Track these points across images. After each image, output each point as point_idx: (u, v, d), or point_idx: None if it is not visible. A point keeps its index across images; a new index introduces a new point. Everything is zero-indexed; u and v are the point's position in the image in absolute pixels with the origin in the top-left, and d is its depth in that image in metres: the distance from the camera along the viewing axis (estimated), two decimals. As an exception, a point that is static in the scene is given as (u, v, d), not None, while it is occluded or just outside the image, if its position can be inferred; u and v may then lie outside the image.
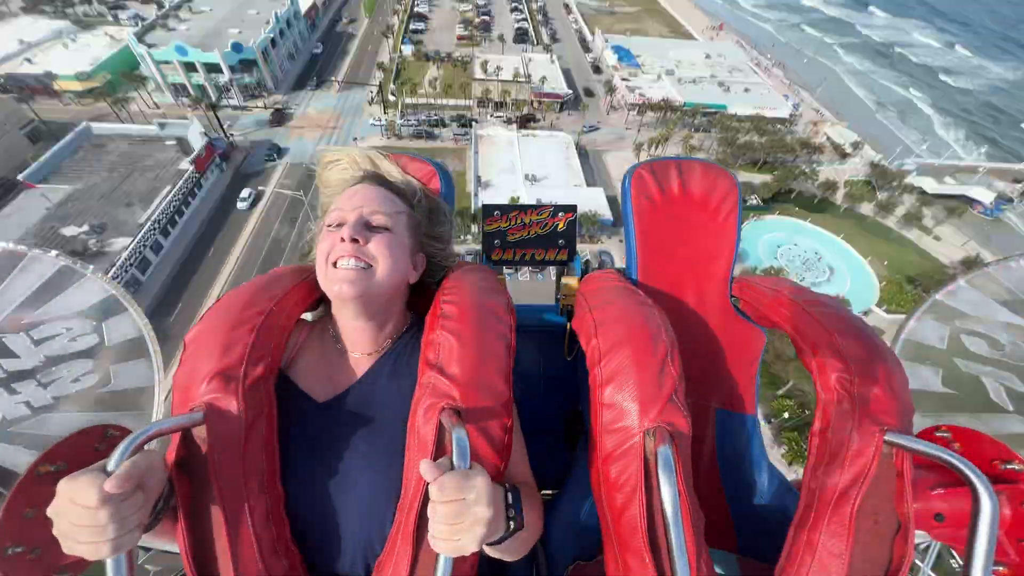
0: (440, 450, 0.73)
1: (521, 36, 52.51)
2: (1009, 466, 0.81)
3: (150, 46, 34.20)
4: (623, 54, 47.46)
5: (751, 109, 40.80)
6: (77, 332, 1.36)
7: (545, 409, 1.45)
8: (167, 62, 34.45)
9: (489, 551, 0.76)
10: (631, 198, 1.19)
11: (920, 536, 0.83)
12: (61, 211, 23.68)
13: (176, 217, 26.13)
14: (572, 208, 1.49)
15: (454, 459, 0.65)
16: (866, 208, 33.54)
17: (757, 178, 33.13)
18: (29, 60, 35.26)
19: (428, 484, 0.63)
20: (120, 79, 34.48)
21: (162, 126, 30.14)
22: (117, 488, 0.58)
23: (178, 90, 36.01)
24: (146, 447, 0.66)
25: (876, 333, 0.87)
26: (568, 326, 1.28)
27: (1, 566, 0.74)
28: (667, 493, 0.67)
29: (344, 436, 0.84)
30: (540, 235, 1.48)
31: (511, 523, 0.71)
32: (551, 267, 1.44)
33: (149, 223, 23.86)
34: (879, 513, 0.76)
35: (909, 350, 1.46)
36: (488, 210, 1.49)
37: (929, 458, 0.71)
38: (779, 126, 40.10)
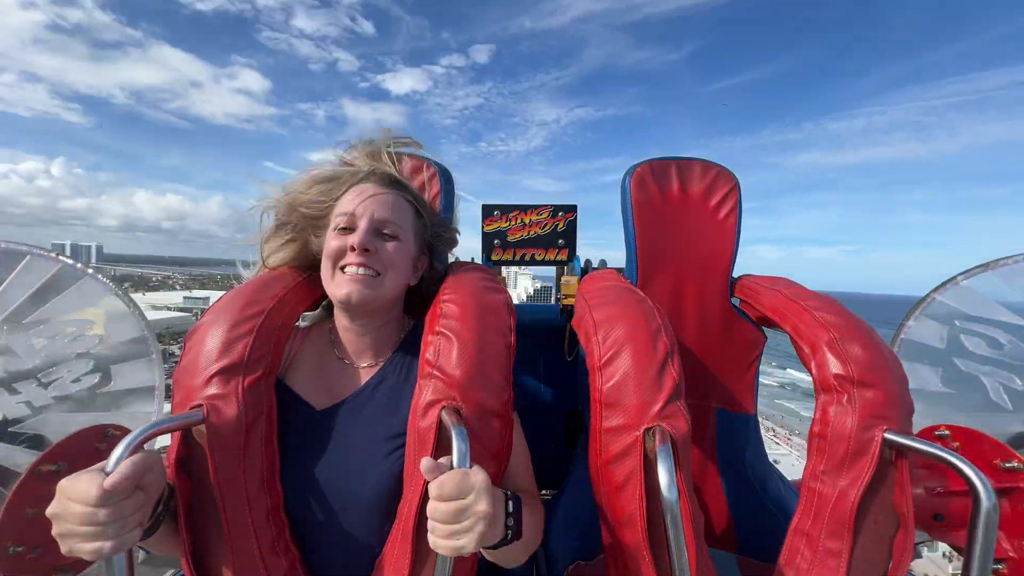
0: (440, 449, 0.72)
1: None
2: (1009, 466, 0.81)
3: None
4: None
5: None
6: (77, 332, 1.36)
7: (545, 409, 1.45)
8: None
9: (487, 555, 0.76)
10: (631, 198, 1.18)
11: (920, 536, 0.83)
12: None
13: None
14: (572, 208, 1.49)
15: (454, 459, 0.65)
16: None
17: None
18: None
19: (428, 483, 0.63)
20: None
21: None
22: (116, 486, 0.58)
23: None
24: (145, 447, 0.66)
25: (876, 333, 0.87)
26: (568, 326, 1.28)
27: (2, 565, 0.75)
28: (667, 492, 0.67)
29: (344, 442, 0.83)
30: (540, 235, 1.48)
31: (509, 532, 0.70)
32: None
33: None
34: (879, 513, 0.76)
35: (909, 350, 1.46)
36: (488, 210, 1.49)
37: (929, 458, 0.70)
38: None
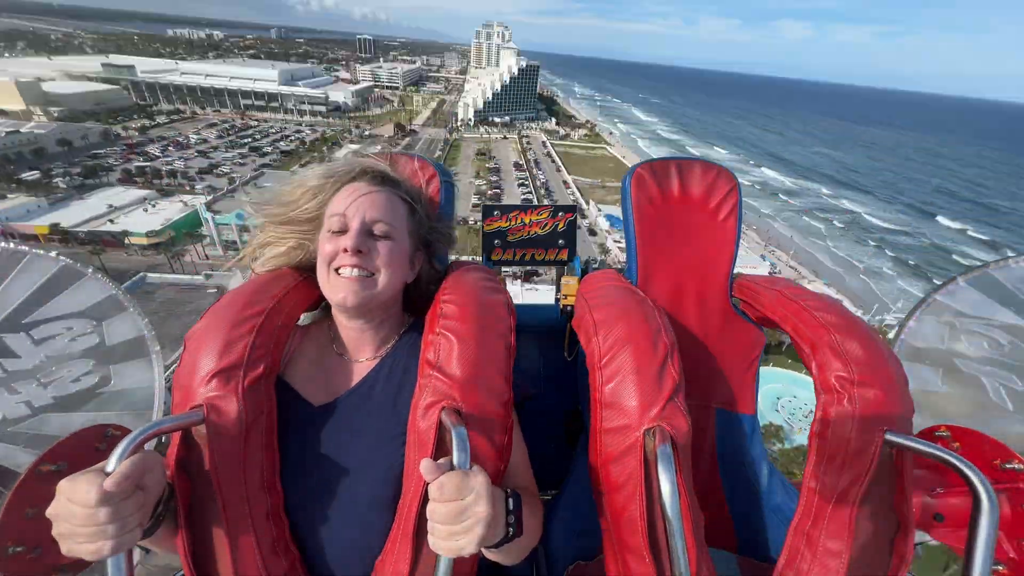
0: (440, 450, 0.72)
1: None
2: (1009, 466, 0.81)
3: (216, 212, 42.43)
4: (614, 220, 52.00)
5: (731, 268, 42.46)
6: (77, 332, 1.36)
7: (545, 409, 1.45)
8: (226, 224, 41.56)
9: (487, 554, 0.76)
10: (631, 198, 1.19)
11: (920, 536, 0.83)
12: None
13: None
14: (572, 208, 1.49)
15: (454, 459, 0.65)
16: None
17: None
18: (111, 221, 43.11)
19: (428, 484, 0.63)
20: (182, 236, 42.98)
21: (208, 276, 34.70)
22: (116, 487, 0.58)
23: (228, 245, 42.34)
24: (145, 447, 0.66)
25: (876, 333, 0.87)
26: (568, 326, 1.28)
27: (2, 565, 0.75)
28: (667, 492, 0.67)
29: (343, 439, 0.84)
30: (540, 235, 1.47)
31: (510, 529, 0.70)
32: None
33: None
34: (879, 513, 0.76)
35: (909, 350, 1.46)
36: (488, 210, 1.49)
37: (929, 458, 0.70)
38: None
